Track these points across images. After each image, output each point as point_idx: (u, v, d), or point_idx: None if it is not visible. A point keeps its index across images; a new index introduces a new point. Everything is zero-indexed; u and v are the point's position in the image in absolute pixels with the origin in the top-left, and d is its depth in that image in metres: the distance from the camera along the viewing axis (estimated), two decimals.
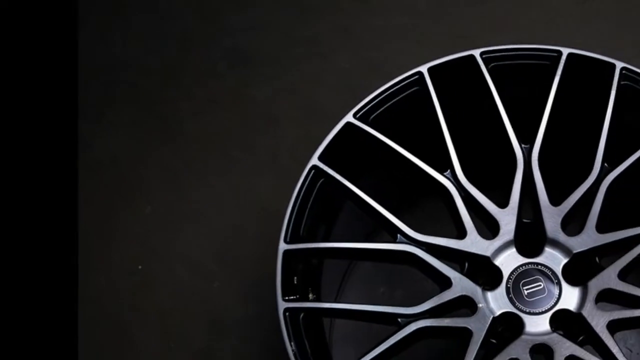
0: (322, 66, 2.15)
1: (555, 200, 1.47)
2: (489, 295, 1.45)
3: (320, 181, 1.49)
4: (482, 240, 1.46)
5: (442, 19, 2.24)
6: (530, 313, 1.43)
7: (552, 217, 1.47)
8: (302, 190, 1.47)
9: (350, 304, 1.48)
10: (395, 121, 1.55)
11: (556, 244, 1.47)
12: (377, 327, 1.42)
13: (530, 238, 1.49)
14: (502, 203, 1.47)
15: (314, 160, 1.48)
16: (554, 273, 1.46)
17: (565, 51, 1.54)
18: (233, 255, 1.93)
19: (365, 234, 1.72)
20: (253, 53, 2.19)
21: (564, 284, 1.45)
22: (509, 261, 1.47)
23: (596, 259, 1.48)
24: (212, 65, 2.18)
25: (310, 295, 1.49)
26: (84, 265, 1.96)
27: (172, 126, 2.10)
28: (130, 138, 2.10)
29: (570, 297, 1.44)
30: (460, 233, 1.46)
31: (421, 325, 1.38)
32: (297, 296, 1.42)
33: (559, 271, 1.46)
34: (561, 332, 1.41)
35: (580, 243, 1.45)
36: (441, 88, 1.53)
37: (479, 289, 1.43)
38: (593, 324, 1.39)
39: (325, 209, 1.53)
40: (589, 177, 1.47)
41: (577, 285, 1.45)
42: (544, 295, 1.44)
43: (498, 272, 1.46)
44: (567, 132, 1.53)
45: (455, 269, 1.44)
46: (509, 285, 1.45)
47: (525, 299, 1.44)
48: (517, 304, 1.44)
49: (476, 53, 1.54)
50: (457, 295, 1.41)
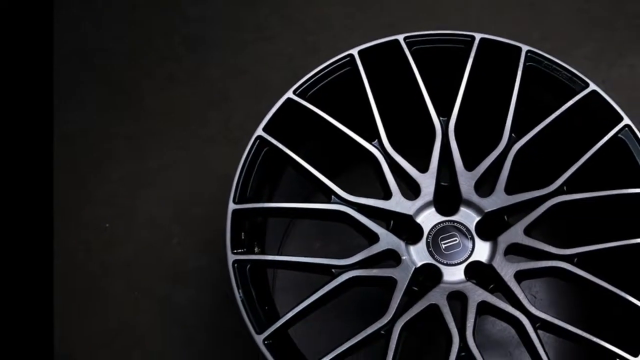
0: (268, 49, 2.15)
1: (470, 166, 1.48)
2: (412, 248, 1.45)
3: (265, 149, 1.47)
4: (405, 200, 1.46)
5: (372, 8, 2.23)
6: (447, 264, 1.44)
7: (466, 181, 1.48)
8: (248, 157, 1.46)
9: (290, 256, 1.48)
10: (331, 97, 1.54)
11: (470, 204, 1.48)
12: (314, 277, 1.41)
13: (447, 199, 1.50)
14: (423, 168, 1.48)
15: (259, 131, 1.47)
16: (468, 229, 1.47)
17: (478, 36, 1.54)
18: (189, 215, 1.93)
19: (303, 195, 1.71)
20: (207, 39, 2.19)
21: (477, 239, 1.47)
22: (428, 219, 1.48)
23: (505, 217, 1.49)
24: (171, 49, 2.18)
25: (256, 249, 1.49)
26: (58, 224, 1.94)
27: (136, 103, 2.09)
28: (100, 113, 2.09)
29: (482, 251, 1.46)
30: (386, 195, 1.46)
31: (352, 275, 1.38)
32: (245, 250, 1.42)
33: (472, 228, 1.48)
34: (474, 281, 1.42)
35: (491, 203, 1.46)
36: (371, 68, 1.52)
37: (402, 244, 1.43)
38: (502, 274, 1.40)
39: (269, 173, 1.52)
40: (499, 146, 1.47)
41: (488, 240, 1.47)
42: (460, 249, 1.46)
43: (419, 228, 1.47)
44: (480, 107, 1.52)
45: (382, 226, 1.44)
46: (428, 240, 1.46)
47: (443, 252, 1.45)
48: (436, 256, 1.44)
49: (400, 38, 1.54)
50: (384, 248, 1.41)
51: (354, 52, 1.52)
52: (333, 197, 1.45)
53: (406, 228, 1.47)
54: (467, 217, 1.48)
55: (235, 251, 1.38)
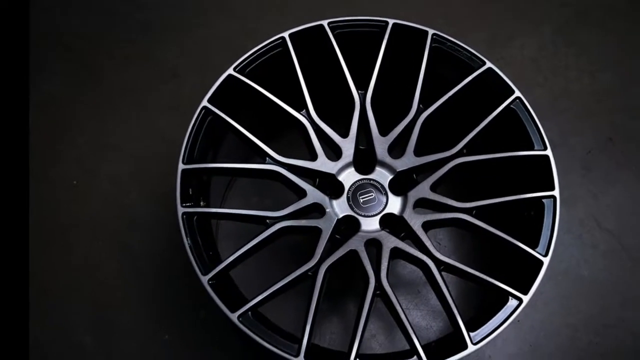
0: (211, 33, 2.13)
1: (384, 132, 1.49)
2: (334, 202, 1.46)
3: (209, 118, 1.46)
4: (329, 162, 1.46)
5: None
6: (365, 216, 1.45)
7: (381, 145, 1.48)
8: (195, 124, 1.45)
9: (230, 209, 1.47)
10: (266, 73, 1.53)
11: (384, 165, 1.49)
12: (251, 227, 1.42)
13: (365, 160, 1.50)
14: (344, 134, 1.48)
15: (204, 102, 1.46)
16: (382, 186, 1.48)
17: (391, 21, 1.53)
18: (145, 174, 1.91)
19: (242, 157, 1.70)
20: (159, 24, 2.16)
21: (390, 195, 1.48)
22: (349, 177, 1.49)
23: (414, 175, 1.50)
24: (128, 32, 2.14)
25: (202, 203, 1.50)
26: (33, 181, 1.92)
27: (99, 78, 2.06)
28: (69, 86, 2.05)
29: (394, 204, 1.47)
30: (313, 156, 1.46)
31: (284, 225, 1.39)
32: (192, 203, 1.42)
33: (386, 185, 1.49)
34: (388, 230, 1.44)
35: (402, 164, 1.47)
36: (301, 49, 1.51)
37: (326, 198, 1.44)
38: (411, 224, 1.42)
39: (213, 138, 1.52)
40: (408, 115, 1.48)
41: (399, 195, 1.48)
42: (375, 202, 1.47)
43: (341, 185, 1.48)
44: (393, 81, 1.51)
45: (309, 184, 1.44)
46: (349, 195, 1.47)
47: (361, 205, 1.46)
48: (355, 209, 1.46)
49: (325, 23, 1.52)
50: (311, 202, 1.42)
51: (285, 35, 1.51)
52: (267, 158, 1.44)
53: (330, 185, 1.47)
54: (382, 176, 1.49)
55: (184, 205, 1.38)
